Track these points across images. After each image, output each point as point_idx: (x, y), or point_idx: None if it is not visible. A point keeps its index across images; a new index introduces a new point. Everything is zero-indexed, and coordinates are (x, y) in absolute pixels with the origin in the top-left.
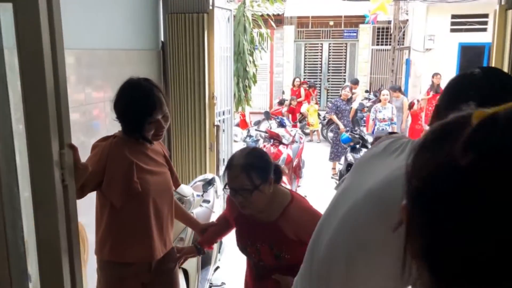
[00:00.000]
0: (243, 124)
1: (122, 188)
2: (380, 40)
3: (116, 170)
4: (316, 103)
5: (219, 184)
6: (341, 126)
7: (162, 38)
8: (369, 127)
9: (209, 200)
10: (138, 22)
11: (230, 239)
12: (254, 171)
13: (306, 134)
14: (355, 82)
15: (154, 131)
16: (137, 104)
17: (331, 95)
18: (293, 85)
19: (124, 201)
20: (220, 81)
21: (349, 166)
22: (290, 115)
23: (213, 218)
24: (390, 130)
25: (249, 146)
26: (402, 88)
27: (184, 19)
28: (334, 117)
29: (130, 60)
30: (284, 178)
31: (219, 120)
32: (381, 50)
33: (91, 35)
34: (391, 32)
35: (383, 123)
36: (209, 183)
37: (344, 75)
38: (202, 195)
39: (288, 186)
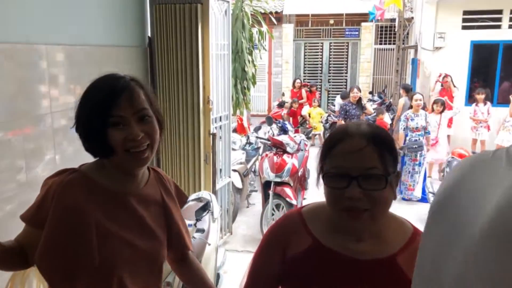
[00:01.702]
0: (240, 128)
1: (63, 263)
2: (383, 39)
3: (58, 230)
4: (319, 106)
5: (216, 205)
6: None
7: (149, 33)
8: (399, 138)
9: (203, 229)
10: (120, 13)
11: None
12: (387, 149)
13: (308, 138)
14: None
15: (124, 140)
16: (93, 94)
17: (332, 97)
18: (294, 87)
19: (69, 282)
20: (217, 83)
21: None
22: (291, 118)
23: (208, 251)
24: (424, 141)
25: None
26: None
27: (174, 11)
28: (342, 123)
29: (110, 59)
30: (289, 192)
31: (215, 127)
32: (384, 49)
33: (60, 28)
34: (395, 30)
35: (416, 133)
36: (203, 208)
37: (346, 76)
38: (195, 224)
39: (294, 201)
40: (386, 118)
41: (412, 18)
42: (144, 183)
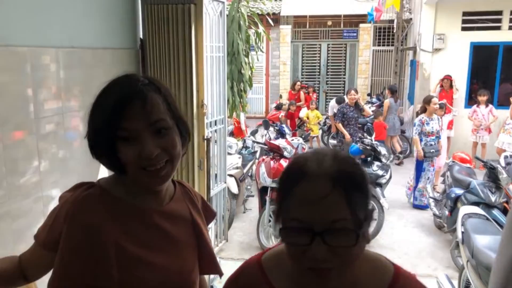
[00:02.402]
0: (237, 131)
1: None
2: (381, 41)
3: (73, 255)
4: (316, 108)
5: None
6: (347, 136)
7: (141, 35)
8: (415, 144)
9: None
10: (110, 13)
11: None
12: (358, 191)
13: (306, 141)
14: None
15: (137, 158)
16: (101, 100)
17: (330, 98)
18: (293, 89)
19: None
20: (211, 86)
21: None
22: (288, 121)
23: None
24: (437, 145)
25: (325, 148)
26: (406, 91)
27: (166, 11)
28: (340, 126)
29: (100, 61)
30: None
31: (210, 132)
32: (382, 51)
33: (45, 29)
34: (394, 31)
35: (431, 137)
36: None
37: (344, 77)
38: None
39: None
40: None
41: (411, 19)
42: (169, 198)
